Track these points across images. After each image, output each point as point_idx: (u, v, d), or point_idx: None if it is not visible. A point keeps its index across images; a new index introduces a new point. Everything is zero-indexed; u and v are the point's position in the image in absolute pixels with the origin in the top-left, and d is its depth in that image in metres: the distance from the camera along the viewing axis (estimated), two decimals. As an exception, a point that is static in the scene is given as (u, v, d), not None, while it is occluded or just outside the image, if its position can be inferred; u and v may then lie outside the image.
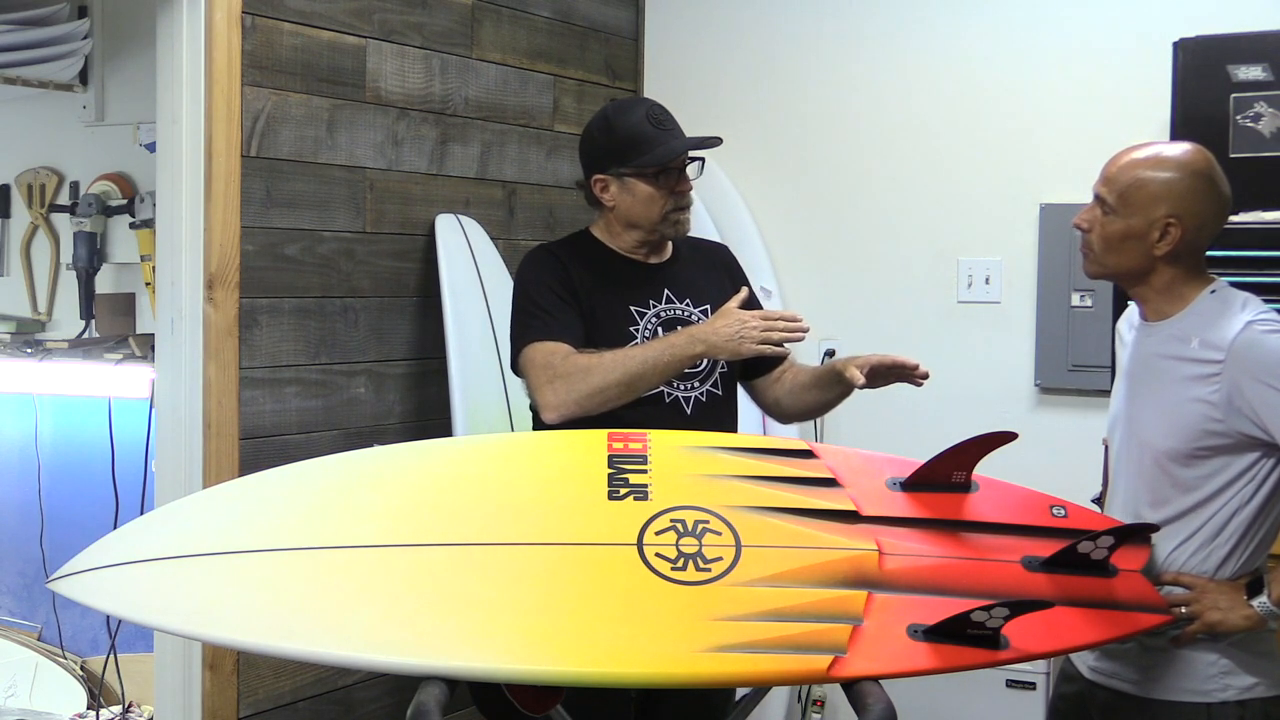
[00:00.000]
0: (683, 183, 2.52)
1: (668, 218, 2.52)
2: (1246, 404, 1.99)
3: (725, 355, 2.37)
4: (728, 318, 2.38)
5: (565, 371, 2.38)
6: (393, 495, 1.95)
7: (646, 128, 2.49)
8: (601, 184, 2.53)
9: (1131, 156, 2.10)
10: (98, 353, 3.58)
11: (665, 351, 2.37)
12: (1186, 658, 2.07)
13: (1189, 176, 2.07)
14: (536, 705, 1.80)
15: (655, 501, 1.93)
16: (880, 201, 3.70)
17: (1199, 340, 2.05)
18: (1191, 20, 3.10)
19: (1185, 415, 2.03)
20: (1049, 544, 1.95)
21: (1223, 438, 2.02)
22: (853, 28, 3.74)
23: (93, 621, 3.85)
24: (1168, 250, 2.07)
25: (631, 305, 2.51)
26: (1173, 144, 2.16)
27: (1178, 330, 2.10)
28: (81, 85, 3.70)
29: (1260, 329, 2.02)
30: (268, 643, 1.73)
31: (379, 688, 3.20)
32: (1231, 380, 2.00)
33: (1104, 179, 2.12)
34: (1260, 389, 1.98)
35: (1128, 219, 2.07)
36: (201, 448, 2.82)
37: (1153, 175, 2.07)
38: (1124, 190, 2.07)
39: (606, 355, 2.38)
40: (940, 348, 3.60)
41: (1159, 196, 2.05)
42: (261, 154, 2.92)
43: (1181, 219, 2.05)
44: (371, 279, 3.19)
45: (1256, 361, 1.99)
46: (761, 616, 1.76)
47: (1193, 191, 2.06)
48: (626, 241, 2.57)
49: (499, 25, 3.55)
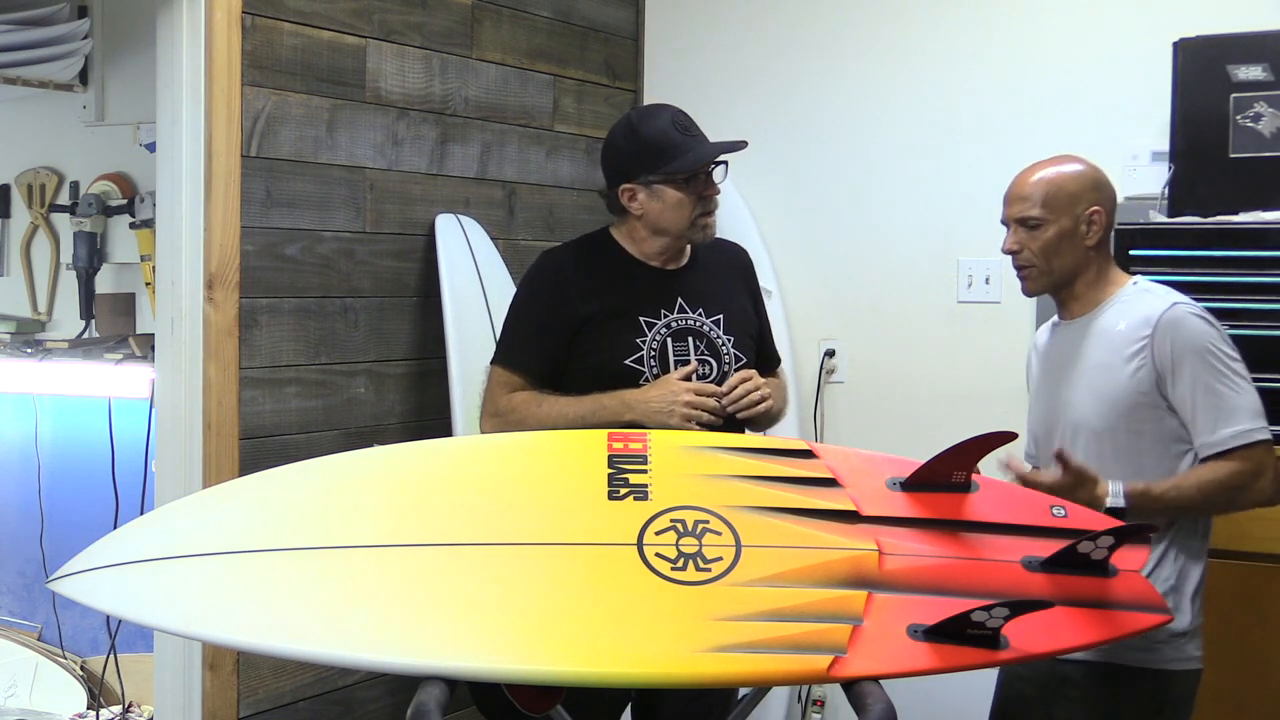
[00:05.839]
0: (710, 187, 2.54)
1: (696, 223, 2.54)
2: (1164, 365, 2.21)
3: (653, 426, 2.37)
4: (662, 389, 2.43)
5: (505, 410, 2.51)
6: (393, 495, 1.95)
7: (674, 134, 2.50)
8: (629, 193, 2.53)
9: (1035, 175, 2.33)
10: (98, 353, 3.58)
11: (597, 413, 2.42)
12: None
13: (1089, 169, 2.33)
14: (536, 705, 1.80)
15: (655, 501, 1.93)
16: (880, 201, 3.70)
17: (1126, 323, 2.26)
18: (1191, 20, 3.10)
19: (1116, 391, 2.22)
20: (1049, 544, 1.95)
21: (1153, 408, 2.21)
22: (853, 27, 3.74)
23: (93, 621, 3.85)
24: (1097, 239, 2.30)
25: (641, 316, 2.51)
26: (1055, 157, 2.37)
27: (1104, 317, 2.30)
28: (81, 85, 3.70)
29: (1186, 309, 2.24)
30: (268, 643, 1.73)
31: (379, 688, 3.20)
32: (1154, 346, 2.21)
33: (1016, 200, 2.33)
34: (1179, 357, 2.19)
35: (1058, 222, 2.29)
36: (201, 448, 2.82)
37: (1064, 178, 2.31)
38: (1045, 199, 2.30)
39: (545, 405, 2.47)
40: (940, 348, 3.60)
41: (1077, 193, 2.30)
42: (261, 154, 2.92)
43: (1101, 204, 2.31)
44: (371, 279, 3.19)
45: (1179, 334, 2.21)
46: (761, 616, 1.76)
47: (1098, 180, 2.33)
48: (650, 248, 2.57)
49: (499, 25, 3.55)
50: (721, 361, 2.54)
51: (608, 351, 2.48)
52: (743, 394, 2.45)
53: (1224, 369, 2.20)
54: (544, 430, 2.39)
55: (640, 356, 2.48)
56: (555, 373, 2.52)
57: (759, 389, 2.47)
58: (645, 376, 2.48)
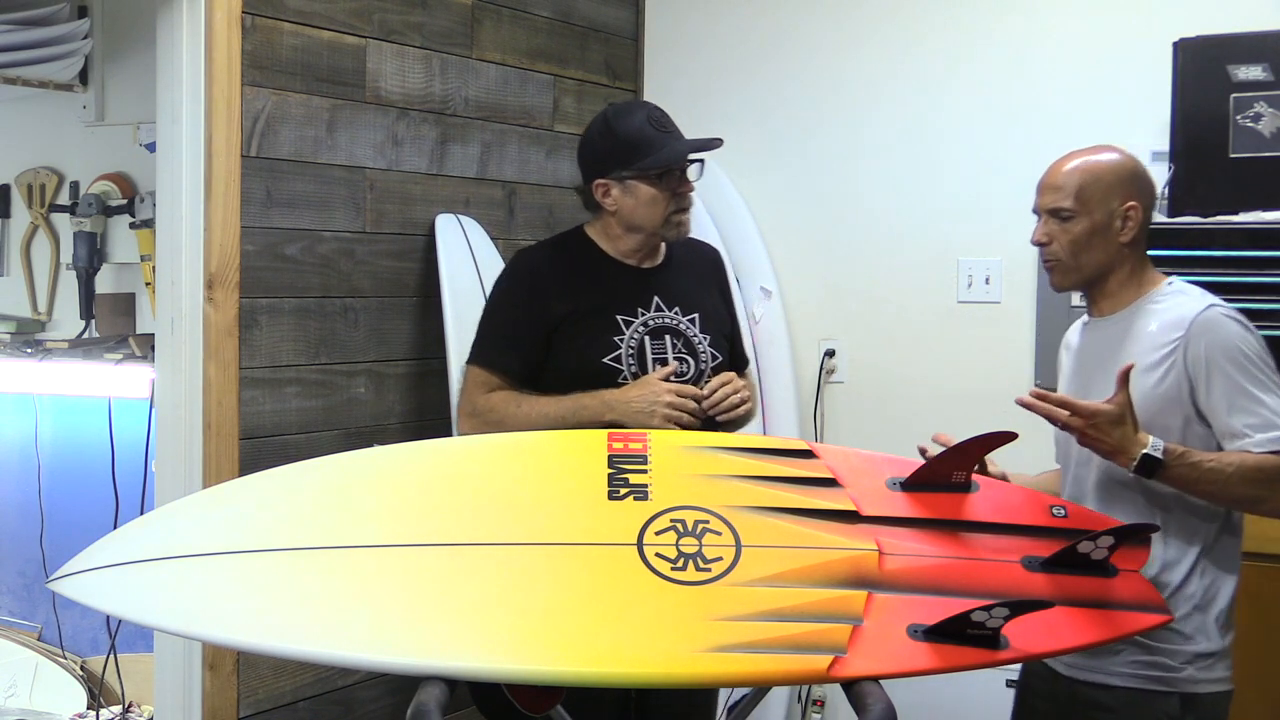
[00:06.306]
0: (685, 184, 2.54)
1: (670, 220, 2.53)
2: (1196, 369, 2.09)
3: (633, 426, 2.36)
4: (643, 389, 2.42)
5: (482, 410, 2.49)
6: (392, 495, 1.95)
7: (649, 130, 2.50)
8: (603, 188, 2.53)
9: (1071, 163, 2.22)
10: (98, 353, 3.58)
11: (577, 413, 2.41)
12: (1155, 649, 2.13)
13: (1129, 161, 2.22)
14: (536, 705, 1.80)
15: (655, 501, 1.93)
16: (880, 201, 3.70)
17: (1159, 324, 2.15)
18: (1191, 20, 3.10)
19: (1141, 395, 2.09)
20: (1049, 544, 1.95)
21: (1179, 413, 2.12)
22: (853, 27, 3.74)
23: (93, 621, 3.85)
24: (1131, 235, 2.18)
25: (618, 315, 2.51)
26: (1095, 146, 2.26)
27: (1136, 317, 2.19)
28: (81, 85, 3.70)
29: (1221, 312, 2.14)
30: (268, 643, 1.73)
31: (379, 688, 3.20)
32: (1188, 349, 2.10)
33: (1049, 189, 2.22)
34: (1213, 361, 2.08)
35: (1090, 215, 2.18)
36: (201, 448, 2.82)
37: (1100, 169, 2.19)
38: (1078, 191, 2.18)
39: (524, 406, 2.46)
40: (940, 348, 3.60)
41: (1113, 186, 2.18)
42: (261, 154, 2.92)
43: (1139, 199, 2.19)
44: (371, 279, 3.19)
45: (1214, 338, 2.10)
46: (761, 616, 1.76)
47: (1137, 174, 2.21)
48: (624, 245, 2.57)
49: (499, 25, 3.55)
50: (699, 360, 2.54)
51: (585, 350, 2.48)
52: (723, 396, 2.45)
53: (1260, 374, 2.09)
54: (524, 430, 2.39)
55: (618, 355, 2.48)
56: (532, 372, 2.51)
57: (738, 391, 2.47)
58: (623, 375, 2.47)
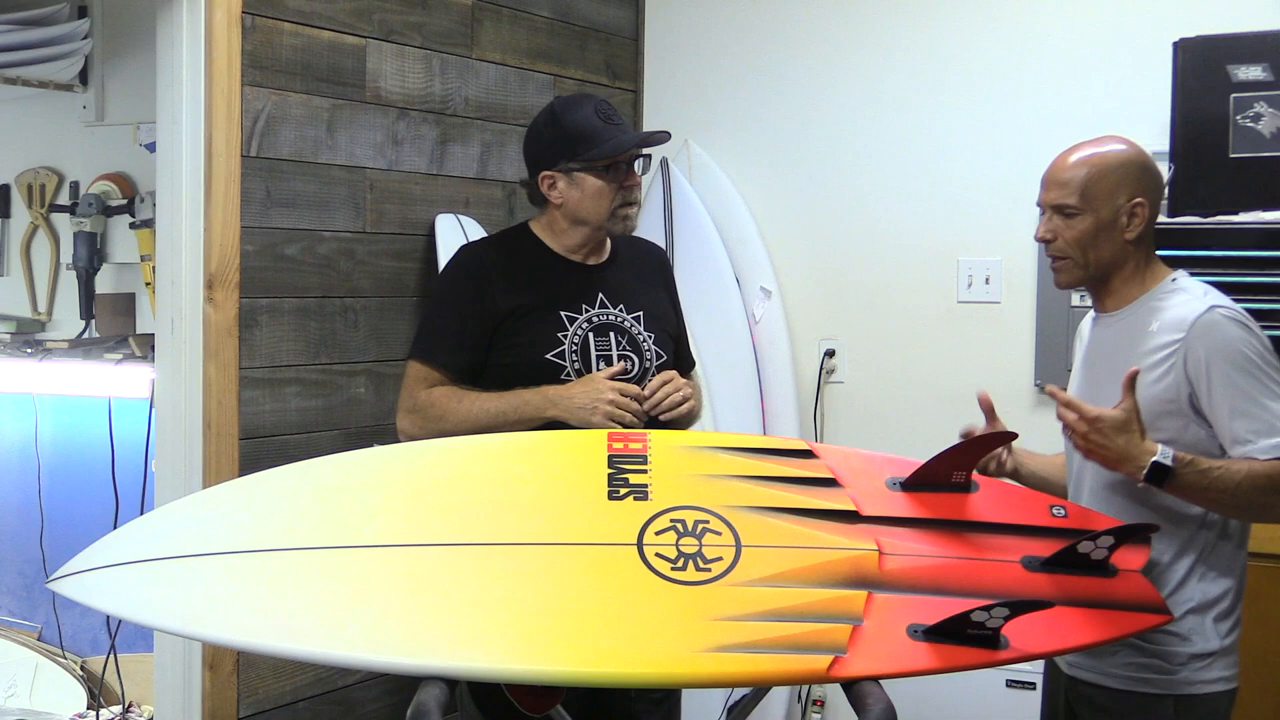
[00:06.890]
0: (631, 177, 2.52)
1: (616, 213, 2.51)
2: (1197, 373, 2.04)
3: (575, 424, 2.36)
4: (586, 387, 2.41)
5: (423, 406, 2.47)
6: (393, 495, 1.95)
7: (595, 122, 2.48)
8: (549, 180, 2.51)
9: (1075, 156, 2.17)
10: (98, 353, 3.58)
11: (519, 409, 2.40)
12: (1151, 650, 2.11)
13: (1136, 154, 2.17)
14: (536, 705, 1.80)
15: (655, 501, 1.93)
16: (880, 201, 3.70)
17: (1159, 323, 2.11)
18: (1191, 20, 3.10)
19: (1143, 397, 2.05)
20: (1049, 544, 1.95)
21: (1178, 415, 2.08)
22: (852, 27, 3.74)
23: (93, 621, 3.85)
24: (1138, 232, 2.14)
25: (562, 311, 2.49)
26: (1101, 138, 2.21)
27: (1139, 315, 2.15)
28: (81, 85, 3.70)
29: (1223, 313, 2.08)
30: (268, 643, 1.73)
31: (379, 688, 3.20)
32: (1188, 352, 2.06)
33: (1054, 185, 2.17)
34: (1214, 365, 2.04)
35: (1096, 212, 2.13)
36: (201, 448, 2.82)
37: (1107, 164, 2.14)
38: (1083, 187, 2.13)
39: (465, 401, 2.44)
40: (940, 348, 3.60)
41: (1120, 182, 2.13)
42: (261, 154, 2.92)
43: (1145, 195, 2.13)
44: (371, 279, 3.19)
45: (1214, 341, 2.05)
46: (761, 616, 1.76)
47: (1145, 168, 2.16)
48: (570, 240, 2.55)
49: (499, 25, 3.55)
50: (643, 357, 2.53)
51: (529, 346, 2.46)
52: (664, 395, 2.44)
53: (1262, 376, 2.03)
54: (464, 426, 2.38)
55: (562, 351, 2.47)
56: (475, 368, 2.49)
57: (680, 390, 2.46)
58: (567, 371, 2.46)
